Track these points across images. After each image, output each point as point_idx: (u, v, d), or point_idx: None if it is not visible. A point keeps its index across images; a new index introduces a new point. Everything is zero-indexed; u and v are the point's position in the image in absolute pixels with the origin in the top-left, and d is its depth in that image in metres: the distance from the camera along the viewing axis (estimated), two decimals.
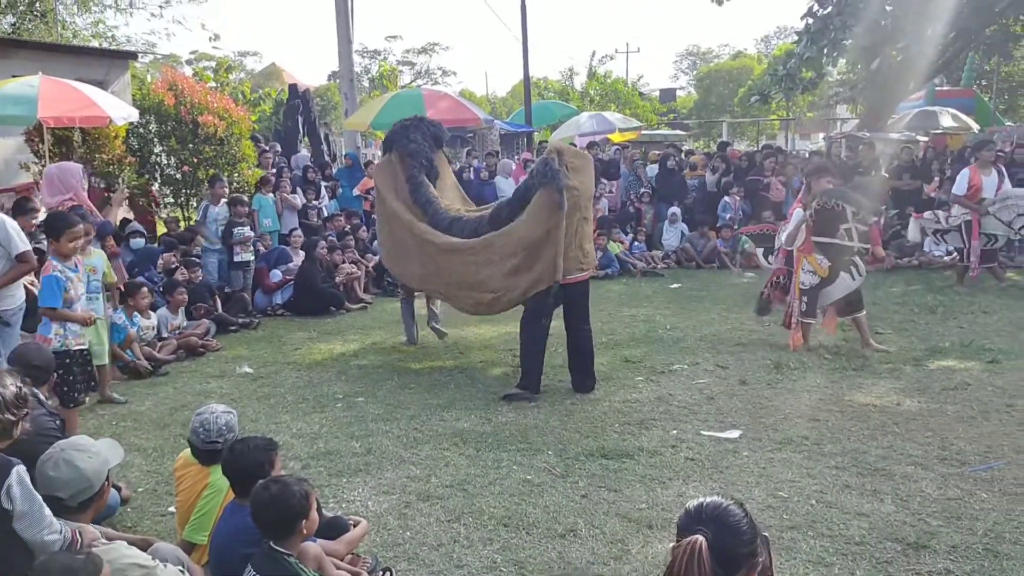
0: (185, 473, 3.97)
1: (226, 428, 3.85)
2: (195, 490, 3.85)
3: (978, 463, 5.02)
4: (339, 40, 16.40)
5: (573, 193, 6.54)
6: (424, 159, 8.05)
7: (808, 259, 7.78)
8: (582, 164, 6.81)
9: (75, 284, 5.69)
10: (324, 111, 31.68)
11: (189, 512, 3.83)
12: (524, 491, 4.79)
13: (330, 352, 8.41)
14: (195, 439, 3.88)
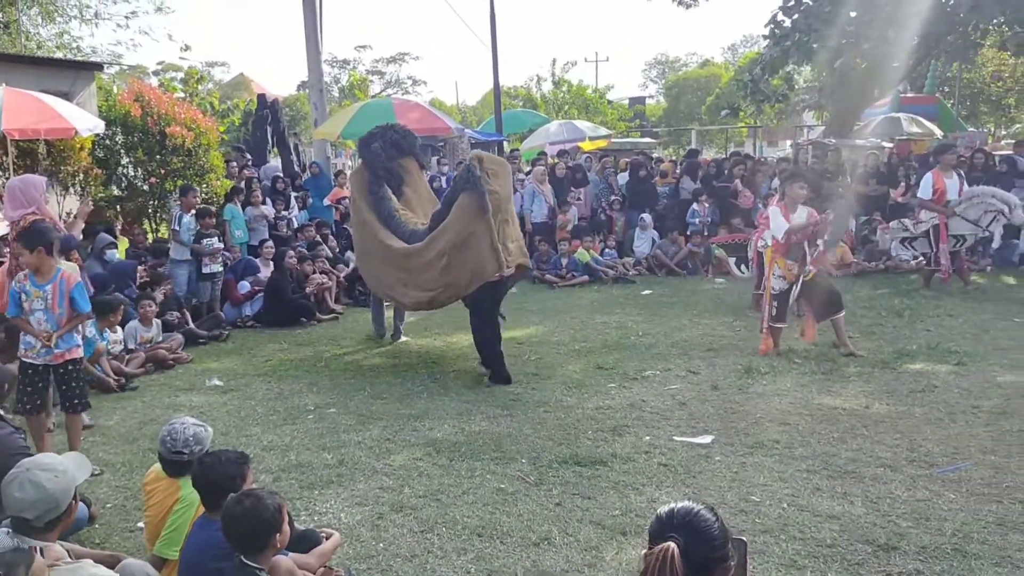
0: (155, 488, 3.92)
1: (193, 440, 3.79)
2: (165, 504, 3.80)
3: (946, 464, 5.09)
4: (308, 50, 16.31)
5: (494, 196, 7.13)
6: (381, 169, 8.33)
7: (779, 262, 7.83)
8: (501, 170, 7.42)
9: (32, 299, 5.55)
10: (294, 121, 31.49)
11: (159, 527, 3.78)
12: (498, 500, 4.78)
13: (301, 363, 8.35)
14: (162, 449, 3.83)
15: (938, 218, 10.60)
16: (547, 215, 13.69)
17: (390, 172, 8.34)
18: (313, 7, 16.08)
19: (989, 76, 30.71)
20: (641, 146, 24.11)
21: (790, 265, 7.82)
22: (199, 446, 3.79)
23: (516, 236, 7.62)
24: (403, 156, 8.60)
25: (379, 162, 8.35)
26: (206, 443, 3.85)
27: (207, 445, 3.85)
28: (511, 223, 7.53)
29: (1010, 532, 4.18)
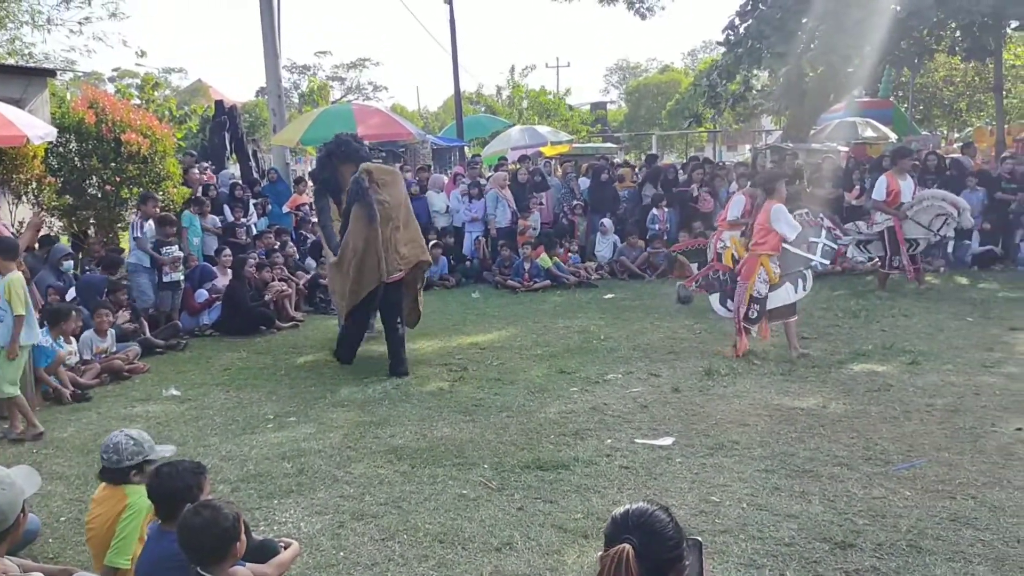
0: (101, 496, 3.85)
1: (112, 448, 3.75)
2: (112, 513, 3.73)
3: (901, 462, 5.17)
4: (266, 56, 16.16)
5: (384, 206, 7.75)
6: (318, 181, 8.74)
7: (765, 264, 7.88)
8: (391, 179, 8.04)
9: None
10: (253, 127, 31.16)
11: (107, 537, 3.71)
12: (460, 506, 4.76)
13: (260, 372, 8.25)
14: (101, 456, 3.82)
15: (893, 220, 10.79)
16: (510, 220, 13.72)
17: (326, 183, 8.55)
18: (271, 13, 15.94)
19: (941, 81, 31.34)
20: (603, 151, 24.24)
21: (774, 267, 7.89)
22: (116, 455, 3.76)
23: (410, 239, 8.10)
24: (343, 164, 8.46)
25: (316, 175, 8.74)
26: (124, 453, 3.79)
27: (147, 451, 3.81)
28: (404, 228, 8.03)
29: (963, 527, 4.25)
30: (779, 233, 7.75)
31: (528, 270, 12.71)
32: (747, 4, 16.12)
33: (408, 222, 8.17)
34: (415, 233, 8.29)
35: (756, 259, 7.87)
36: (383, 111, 16.45)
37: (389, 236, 7.79)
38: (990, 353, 7.75)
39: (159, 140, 12.28)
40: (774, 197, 7.82)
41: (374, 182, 7.78)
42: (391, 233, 7.81)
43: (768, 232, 7.79)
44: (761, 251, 7.85)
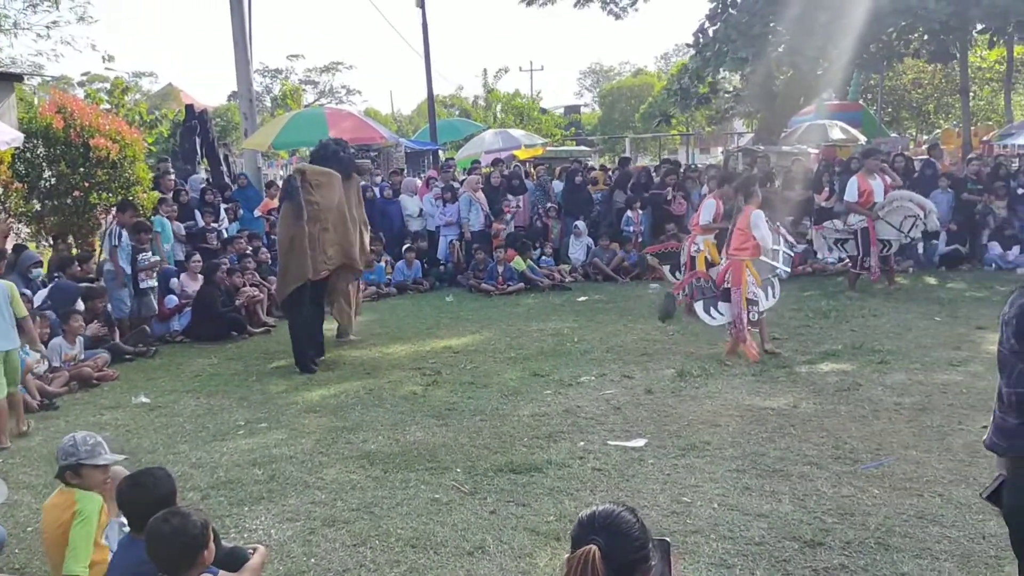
0: (51, 504, 3.81)
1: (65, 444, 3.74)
2: (61, 520, 3.68)
3: (869, 460, 5.22)
4: (237, 59, 16.06)
5: (313, 207, 8.05)
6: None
7: (751, 268, 7.91)
8: (326, 181, 8.23)
9: None
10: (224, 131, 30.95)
11: (62, 544, 3.66)
12: (432, 510, 4.75)
13: (231, 378, 8.19)
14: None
15: (866, 221, 10.92)
16: (483, 223, 13.72)
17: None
18: (241, 16, 15.85)
19: (909, 83, 31.79)
20: (576, 154, 24.32)
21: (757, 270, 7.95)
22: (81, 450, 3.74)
23: (338, 240, 8.33)
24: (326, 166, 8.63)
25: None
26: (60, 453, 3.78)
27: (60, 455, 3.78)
28: (333, 230, 8.25)
29: (930, 525, 4.31)
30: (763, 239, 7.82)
31: (502, 273, 12.71)
32: (716, 8, 16.27)
33: (339, 225, 8.36)
34: (346, 237, 8.44)
35: (741, 264, 7.90)
36: (356, 115, 16.43)
37: (317, 236, 8.09)
38: (957, 352, 7.85)
39: (129, 145, 12.15)
40: (751, 202, 7.90)
41: (307, 182, 8.09)
42: (318, 233, 8.10)
43: (748, 237, 7.86)
44: (744, 256, 7.91)
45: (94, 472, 3.79)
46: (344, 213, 8.45)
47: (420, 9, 22.37)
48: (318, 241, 8.11)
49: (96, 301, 9.21)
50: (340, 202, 8.41)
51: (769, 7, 14.15)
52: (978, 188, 13.64)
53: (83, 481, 3.77)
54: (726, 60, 15.16)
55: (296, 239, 8.08)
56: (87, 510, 3.60)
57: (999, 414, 2.66)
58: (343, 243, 8.45)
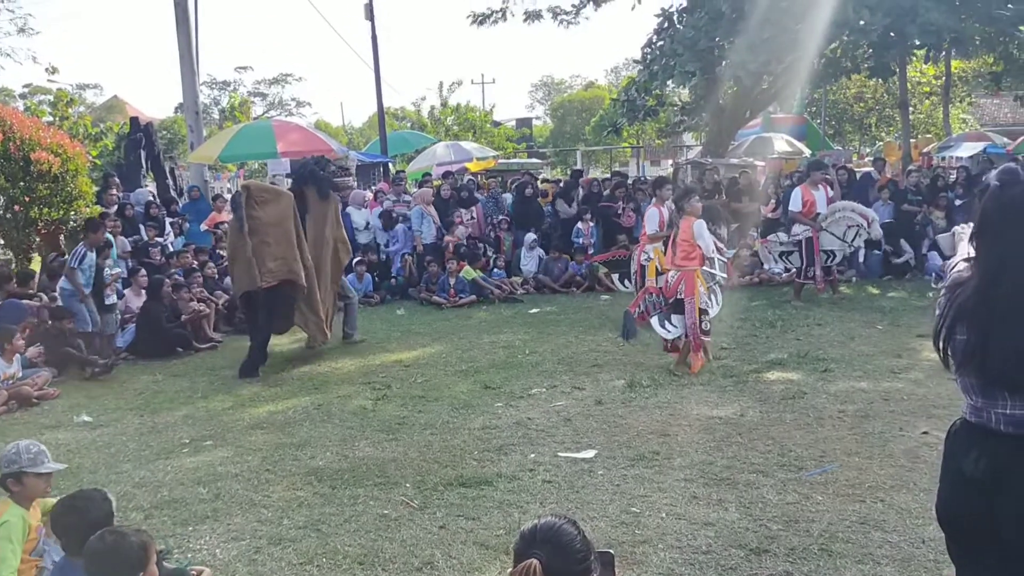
0: None
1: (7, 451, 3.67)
2: None
3: (814, 467, 5.31)
4: (183, 71, 15.86)
5: (255, 221, 8.55)
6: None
7: (700, 277, 7.97)
8: (271, 197, 8.80)
9: None
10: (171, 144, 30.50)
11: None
12: (381, 527, 4.70)
13: (176, 395, 8.04)
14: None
15: (810, 231, 11.14)
16: (436, 236, 13.69)
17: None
18: (188, 27, 15.67)
19: (852, 97, 32.57)
20: (528, 167, 24.44)
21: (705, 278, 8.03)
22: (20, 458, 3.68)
23: (280, 255, 8.67)
24: (307, 187, 9.39)
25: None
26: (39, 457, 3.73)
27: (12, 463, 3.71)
28: (274, 244, 8.64)
29: (872, 530, 4.38)
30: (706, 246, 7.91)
31: (453, 285, 12.69)
32: (664, 23, 16.51)
33: (282, 241, 8.71)
34: (289, 252, 8.75)
35: (692, 274, 7.96)
36: (303, 127, 16.29)
37: (257, 248, 8.54)
38: (898, 360, 8.02)
39: (71, 158, 11.90)
40: (689, 213, 7.97)
41: (251, 198, 8.63)
42: (258, 246, 8.55)
43: (694, 247, 7.95)
44: (693, 266, 7.98)
45: (36, 481, 3.72)
46: (289, 230, 8.77)
47: (370, 22, 22.34)
48: (259, 254, 8.51)
49: (64, 322, 9.01)
50: (285, 219, 8.76)
51: (714, 23, 14.40)
52: (918, 199, 13.99)
53: (25, 490, 3.69)
54: (674, 74, 15.40)
55: (238, 249, 8.62)
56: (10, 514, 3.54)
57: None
58: (286, 257, 8.72)
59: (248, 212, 8.54)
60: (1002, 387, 2.40)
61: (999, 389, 2.41)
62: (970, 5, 13.95)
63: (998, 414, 2.44)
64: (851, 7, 13.04)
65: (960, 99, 29.74)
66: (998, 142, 21.16)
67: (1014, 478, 2.43)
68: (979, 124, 32.23)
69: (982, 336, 2.39)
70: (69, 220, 11.81)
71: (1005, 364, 2.35)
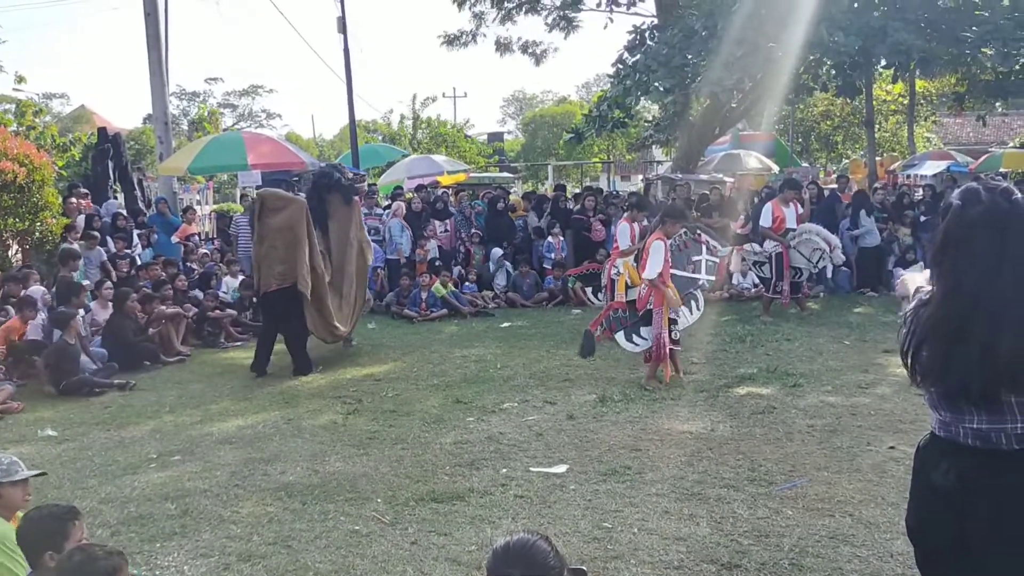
0: None
1: None
2: None
3: (784, 482, 5.35)
4: (152, 82, 15.74)
5: (265, 227, 8.99)
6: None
7: (670, 286, 8.00)
8: (282, 205, 9.12)
9: None
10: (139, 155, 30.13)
11: None
12: (351, 543, 4.66)
13: (143, 409, 7.92)
14: None
15: (780, 247, 11.27)
16: (411, 249, 13.68)
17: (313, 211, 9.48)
18: (158, 37, 15.56)
19: (819, 115, 33.03)
20: (500, 181, 24.48)
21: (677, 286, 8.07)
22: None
23: (287, 259, 8.96)
24: (329, 194, 9.80)
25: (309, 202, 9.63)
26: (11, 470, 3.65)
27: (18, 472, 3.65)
28: (284, 249, 8.95)
29: (841, 545, 4.42)
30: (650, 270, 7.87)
31: (425, 299, 12.66)
32: (635, 39, 16.68)
33: (290, 246, 8.99)
34: (293, 257, 8.99)
35: (660, 288, 7.99)
36: (274, 139, 16.22)
37: (266, 254, 8.97)
38: (865, 375, 8.12)
39: (37, 169, 11.75)
40: (661, 231, 8.00)
41: (264, 207, 9.04)
42: (267, 251, 8.97)
43: None
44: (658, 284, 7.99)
45: (13, 490, 3.65)
46: (300, 236, 9.04)
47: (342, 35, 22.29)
48: (267, 259, 8.94)
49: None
50: (296, 224, 9.05)
51: (687, 40, 14.58)
52: (883, 216, 14.22)
53: (3, 500, 3.61)
54: (648, 90, 15.55)
55: (252, 256, 9.37)
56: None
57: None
58: (292, 263, 9.00)
59: (260, 219, 9.02)
60: (964, 401, 2.45)
61: (964, 403, 2.46)
62: (936, 26, 14.25)
63: (966, 428, 2.48)
64: (824, 28, 13.27)
65: (924, 118, 30.30)
66: (961, 161, 21.62)
67: (981, 491, 2.46)
68: (942, 143, 32.82)
69: (944, 350, 2.43)
70: (35, 231, 11.65)
71: (966, 377, 2.39)
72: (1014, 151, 21.73)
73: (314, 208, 9.48)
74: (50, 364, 8.72)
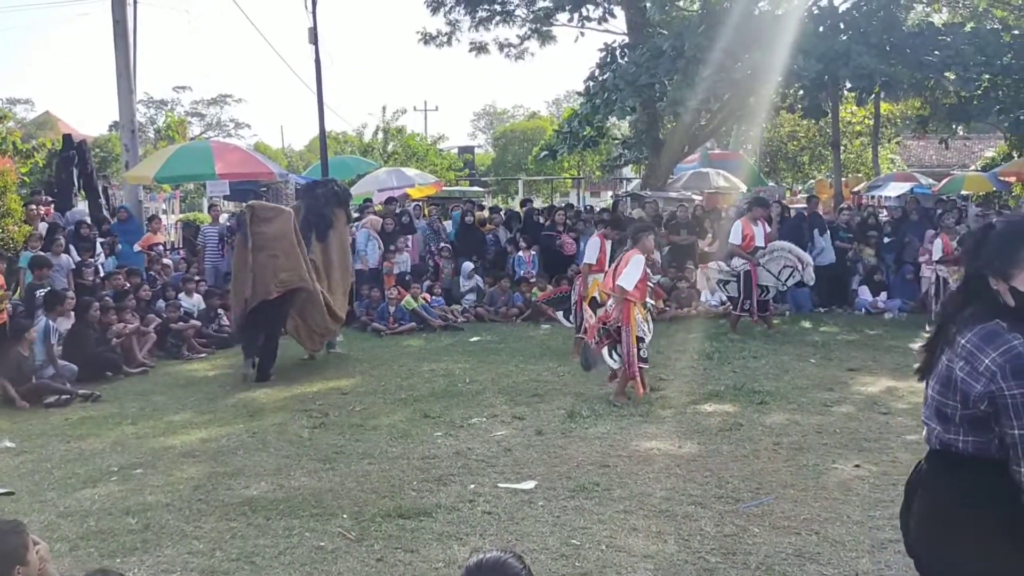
0: None
1: None
2: None
3: (750, 499, 5.37)
4: (119, 89, 15.54)
5: (259, 236, 9.12)
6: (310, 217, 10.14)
7: (639, 307, 8.03)
8: (273, 215, 9.42)
9: None
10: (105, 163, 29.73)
11: None
12: (316, 559, 4.60)
13: (105, 421, 7.79)
14: None
15: (748, 264, 11.39)
16: (380, 260, 13.60)
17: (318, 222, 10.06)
18: (126, 44, 15.38)
19: (786, 135, 33.46)
20: (470, 194, 24.48)
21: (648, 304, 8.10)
22: None
23: (290, 266, 9.25)
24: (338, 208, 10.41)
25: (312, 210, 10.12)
26: None
27: None
28: (284, 257, 9.22)
29: (807, 562, 4.45)
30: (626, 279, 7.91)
31: (393, 313, 12.59)
32: (606, 57, 16.82)
33: (289, 252, 9.28)
34: (296, 262, 9.31)
35: (629, 304, 7.99)
36: (243, 149, 16.09)
37: (265, 262, 9.08)
38: (830, 393, 8.21)
39: (0, 175, 11.55)
40: (638, 248, 8.05)
41: (255, 216, 9.23)
42: (267, 260, 9.10)
43: None
44: (628, 297, 8.00)
45: None
46: (293, 242, 9.34)
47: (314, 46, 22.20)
48: (267, 267, 9.09)
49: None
50: (288, 232, 9.34)
51: (655, 60, 14.73)
52: (849, 236, 14.42)
53: None
54: (615, 108, 15.70)
55: (242, 265, 9.22)
56: None
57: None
58: (296, 267, 9.31)
59: (253, 229, 9.13)
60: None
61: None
62: (900, 51, 14.56)
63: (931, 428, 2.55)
64: (788, 51, 13.50)
65: (888, 140, 30.82)
66: (924, 182, 21.99)
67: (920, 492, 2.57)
68: (906, 165, 33.41)
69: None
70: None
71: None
72: (975, 174, 22.14)
73: (324, 217, 10.04)
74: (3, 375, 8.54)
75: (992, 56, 14.50)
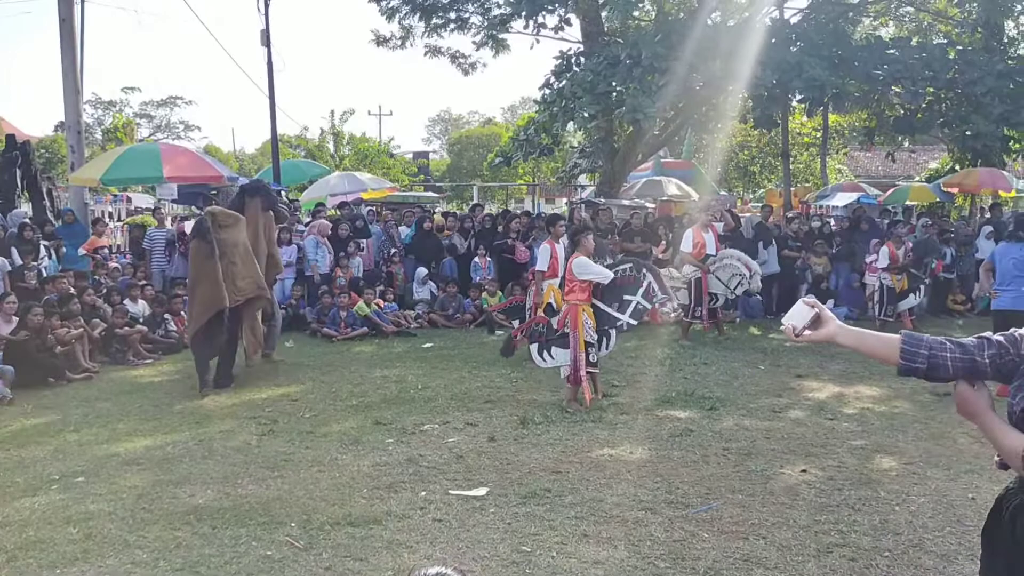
0: None
1: None
2: None
3: (700, 504, 5.42)
4: (65, 89, 15.20)
5: (222, 244, 8.98)
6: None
7: (587, 311, 8.05)
8: (232, 222, 9.29)
9: None
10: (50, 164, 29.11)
11: None
12: (263, 568, 4.53)
13: (47, 428, 7.59)
14: None
15: (699, 272, 11.52)
16: (330, 266, 13.47)
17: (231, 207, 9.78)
18: (72, 43, 15.06)
19: (737, 145, 33.95)
20: (424, 200, 24.40)
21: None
22: None
23: (247, 274, 9.21)
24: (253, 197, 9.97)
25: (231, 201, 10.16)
26: None
27: None
28: (241, 264, 9.16)
29: (755, 567, 4.50)
30: (592, 281, 8.02)
31: (344, 319, 12.46)
32: (562, 64, 16.88)
33: (246, 260, 9.27)
34: (252, 270, 9.31)
35: (577, 308, 8.05)
36: (192, 151, 15.82)
37: (226, 270, 8.99)
38: (779, 399, 8.33)
39: None
40: (579, 250, 8.12)
41: (216, 223, 9.05)
42: (227, 267, 9.01)
43: (574, 283, 8.06)
44: (574, 300, 8.07)
45: None
46: (248, 249, 9.32)
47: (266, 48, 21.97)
48: (228, 274, 8.99)
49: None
50: (245, 240, 9.34)
51: (611, 68, 14.84)
52: (797, 245, 14.66)
53: None
54: (574, 116, 15.76)
55: (207, 273, 8.94)
56: None
57: None
58: (253, 276, 9.31)
59: (216, 236, 8.99)
60: None
61: None
62: (849, 64, 14.86)
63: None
64: (744, 62, 13.71)
65: (836, 151, 31.42)
66: (871, 192, 22.45)
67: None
68: (853, 175, 34.12)
69: None
70: None
71: None
72: (920, 185, 22.67)
73: (233, 205, 9.75)
74: None
75: (939, 71, 14.87)
